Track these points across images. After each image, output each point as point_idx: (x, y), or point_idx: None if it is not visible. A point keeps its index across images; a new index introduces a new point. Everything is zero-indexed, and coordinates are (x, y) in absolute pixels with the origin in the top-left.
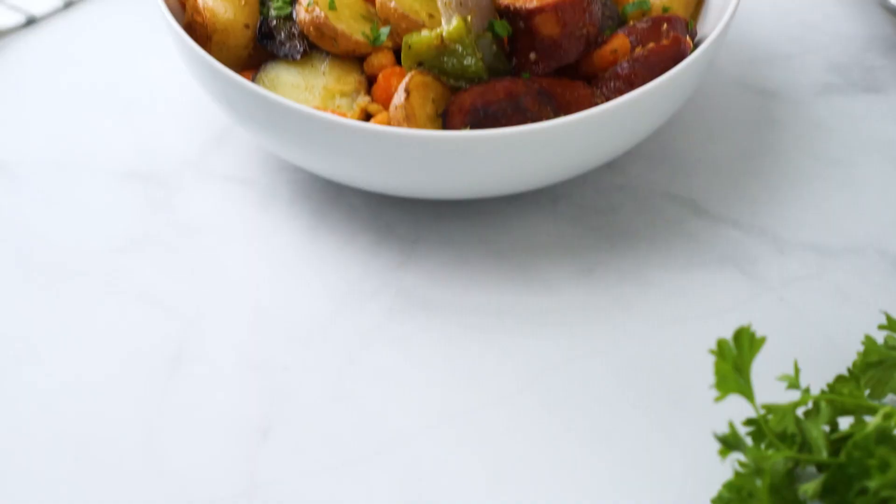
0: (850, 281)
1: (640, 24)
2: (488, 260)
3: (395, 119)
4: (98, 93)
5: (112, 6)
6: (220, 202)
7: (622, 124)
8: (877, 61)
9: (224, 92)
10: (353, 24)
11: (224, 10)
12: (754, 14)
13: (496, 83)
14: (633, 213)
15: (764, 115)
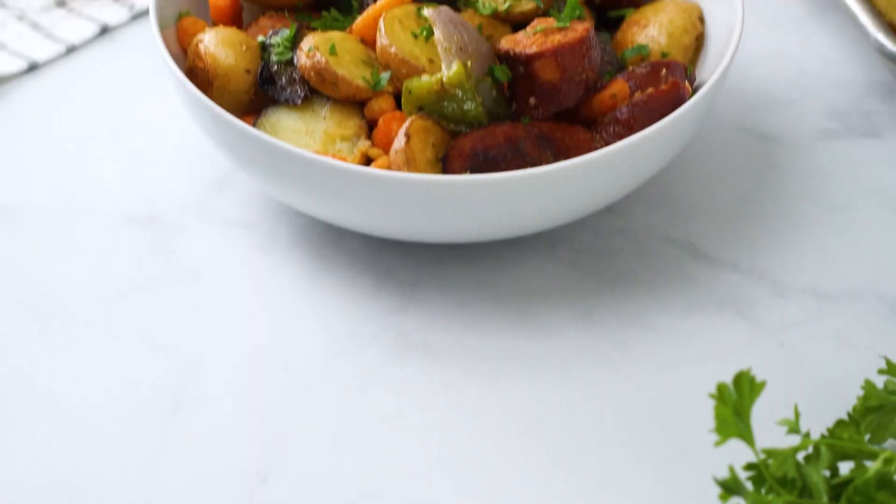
0: (849, 325)
1: (639, 69)
2: (488, 304)
3: (395, 163)
4: (99, 137)
5: (114, 51)
6: (220, 246)
7: (621, 169)
8: (875, 106)
9: (225, 137)
10: (354, 70)
11: (225, 55)
12: (753, 59)
13: (496, 128)
14: (633, 257)
15: (763, 160)
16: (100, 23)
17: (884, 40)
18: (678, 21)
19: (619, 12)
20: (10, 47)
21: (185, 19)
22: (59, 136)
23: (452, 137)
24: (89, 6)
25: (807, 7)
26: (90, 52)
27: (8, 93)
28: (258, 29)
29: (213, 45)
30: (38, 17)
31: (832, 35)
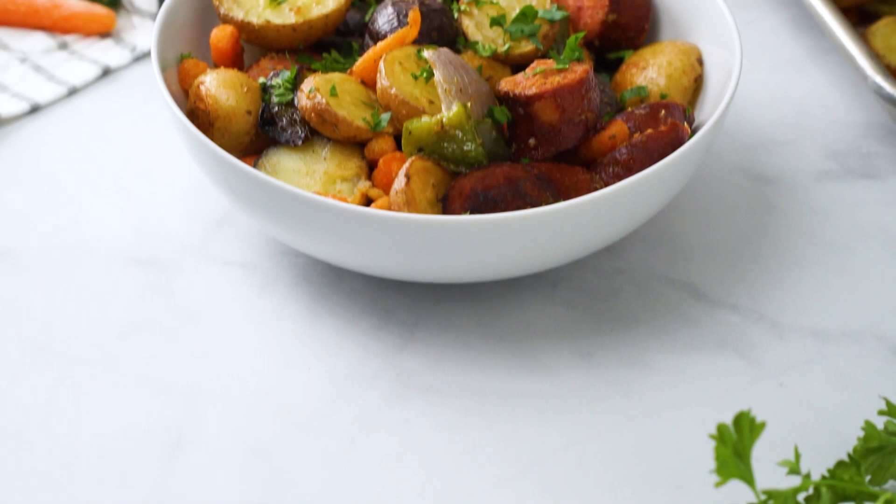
0: (849, 366)
1: (638, 110)
2: (488, 343)
3: (395, 204)
4: (100, 178)
5: (115, 93)
6: (221, 286)
7: (621, 209)
8: (873, 148)
9: (226, 177)
10: (354, 111)
11: (226, 97)
12: (751, 101)
13: (496, 168)
14: (633, 297)
15: (762, 201)
16: (102, 65)
17: (882, 82)
18: (677, 63)
19: (618, 54)
20: (13, 89)
21: (187, 61)
22: (59, 177)
23: (452, 178)
24: (91, 48)
25: (805, 49)
26: (92, 93)
27: (10, 134)
28: (259, 70)
29: (215, 87)
30: (40, 60)
31: (830, 77)
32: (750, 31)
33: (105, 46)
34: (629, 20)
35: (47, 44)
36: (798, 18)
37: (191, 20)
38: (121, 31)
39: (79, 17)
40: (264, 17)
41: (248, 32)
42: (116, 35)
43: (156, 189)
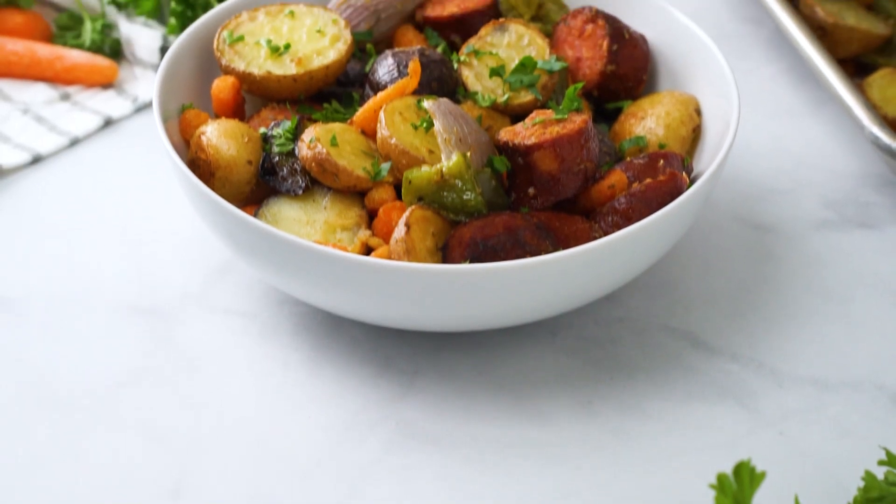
0: (849, 416)
1: (636, 159)
2: (488, 392)
3: (395, 253)
4: (101, 227)
5: (117, 143)
6: (221, 335)
7: (620, 258)
8: (871, 198)
9: (227, 227)
10: (355, 160)
11: (227, 147)
12: (749, 150)
13: (495, 217)
14: (632, 346)
15: (761, 250)
16: (103, 115)
17: (878, 133)
18: (675, 113)
19: (616, 104)
20: (15, 140)
21: (188, 112)
22: (60, 227)
23: (452, 227)
24: (93, 99)
25: (802, 100)
26: (93, 143)
27: (11, 184)
28: (260, 121)
29: (216, 137)
30: (42, 111)
31: (828, 127)
32: (748, 81)
33: (107, 97)
34: (627, 71)
35: (49, 95)
36: (795, 69)
37: (192, 71)
38: (123, 81)
39: (81, 68)
40: (265, 68)
41: (249, 83)
42: (118, 86)
43: (156, 238)
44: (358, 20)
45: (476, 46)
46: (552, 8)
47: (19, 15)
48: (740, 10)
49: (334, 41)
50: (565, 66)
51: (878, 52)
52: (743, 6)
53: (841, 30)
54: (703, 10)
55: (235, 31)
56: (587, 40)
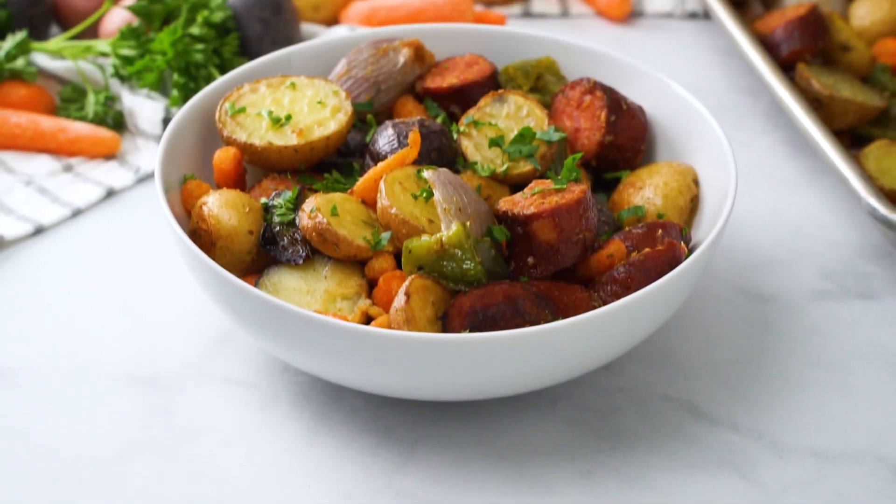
0: (849, 487)
1: (635, 229)
2: (488, 462)
3: (395, 322)
4: (102, 297)
5: (118, 213)
6: (220, 405)
7: (620, 328)
8: (869, 268)
9: (227, 297)
10: (355, 230)
11: (229, 217)
12: (747, 221)
13: (495, 286)
14: (632, 415)
15: (760, 320)
16: (106, 186)
17: (876, 205)
18: (673, 183)
19: (615, 174)
20: (18, 212)
21: (190, 182)
22: (62, 297)
23: (452, 296)
24: (96, 170)
25: (800, 171)
26: (95, 214)
27: (13, 255)
28: (261, 191)
29: (217, 207)
30: (45, 182)
31: (825, 198)
32: (745, 152)
33: (109, 168)
34: (626, 141)
35: (53, 166)
36: (793, 140)
37: (194, 142)
38: (125, 153)
39: (84, 140)
40: (267, 139)
41: (250, 154)
42: (121, 157)
43: (157, 308)
44: (358, 91)
45: (475, 117)
46: (550, 79)
47: (24, 88)
48: (737, 81)
49: (335, 112)
50: (564, 136)
51: (873, 123)
52: (740, 78)
53: (837, 102)
54: (700, 81)
55: (237, 103)
56: (585, 111)
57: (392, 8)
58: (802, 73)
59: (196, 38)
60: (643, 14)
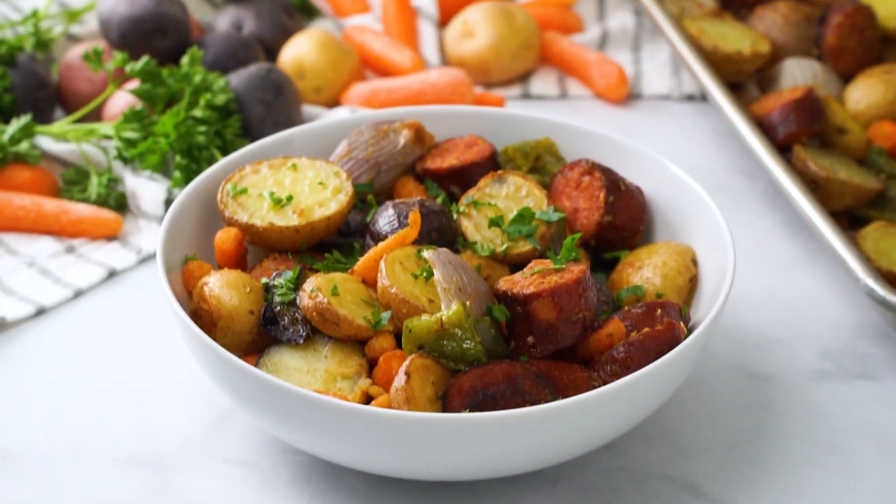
0: None
1: (634, 308)
2: None
3: (395, 401)
4: (103, 378)
5: (120, 293)
6: (221, 486)
7: (619, 407)
8: (868, 349)
9: (228, 377)
10: (355, 309)
11: (230, 297)
12: (746, 300)
13: (495, 366)
14: (633, 495)
15: (759, 400)
16: (108, 267)
17: (873, 285)
18: (672, 263)
19: (614, 254)
20: (20, 293)
21: (191, 263)
22: (62, 378)
23: (452, 375)
24: (98, 251)
25: (797, 252)
26: (97, 294)
27: (15, 336)
28: (262, 271)
29: (218, 288)
30: (47, 264)
31: (824, 278)
32: (744, 233)
33: (111, 249)
34: (624, 222)
35: (55, 248)
36: (791, 221)
37: (195, 223)
38: (127, 234)
39: (86, 221)
40: (268, 219)
41: (251, 234)
42: (123, 238)
43: (157, 388)
44: (359, 172)
45: (475, 197)
46: (549, 160)
47: (27, 171)
48: (735, 163)
49: (336, 193)
50: (563, 216)
51: (870, 205)
52: (738, 159)
53: (833, 184)
54: (698, 162)
55: (239, 184)
56: (584, 192)
57: (392, 90)
58: (799, 155)
59: (199, 120)
60: (641, 96)
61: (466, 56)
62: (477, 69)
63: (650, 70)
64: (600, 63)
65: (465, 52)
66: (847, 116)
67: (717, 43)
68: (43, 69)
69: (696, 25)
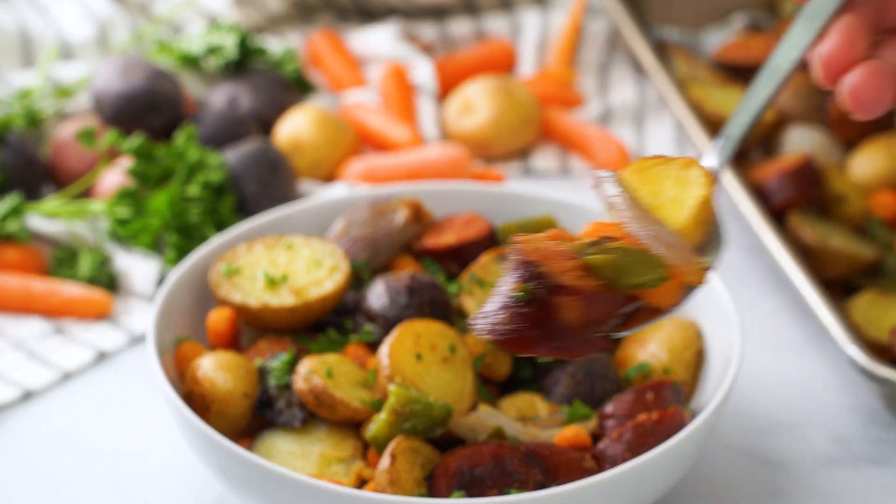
0: None
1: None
2: None
3: (379, 484)
4: (91, 463)
5: (109, 375)
6: None
7: (621, 494)
8: (880, 433)
9: (221, 462)
10: (351, 392)
11: (224, 380)
12: (755, 382)
13: (482, 446)
14: None
15: (768, 486)
16: (97, 349)
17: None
18: (678, 337)
19: None
20: (6, 376)
21: (184, 344)
22: (49, 464)
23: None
24: (87, 332)
25: (805, 332)
26: (85, 377)
27: (0, 421)
28: (257, 352)
29: (212, 370)
30: (35, 345)
31: (834, 360)
32: (750, 312)
33: (101, 330)
34: None
35: (43, 329)
36: (799, 301)
37: (188, 303)
38: (118, 314)
39: (76, 302)
40: (262, 299)
41: (245, 315)
42: (113, 318)
43: (147, 474)
44: (356, 251)
45: (479, 275)
46: None
47: (16, 250)
48: (740, 240)
49: (332, 272)
50: None
51: (866, 274)
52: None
53: (827, 252)
54: None
55: (232, 263)
56: None
57: (391, 166)
58: (794, 222)
59: (193, 198)
60: None
61: (466, 132)
62: (477, 145)
63: (654, 144)
64: (602, 139)
65: (465, 127)
66: (847, 185)
67: (719, 109)
68: (33, 146)
69: (702, 90)
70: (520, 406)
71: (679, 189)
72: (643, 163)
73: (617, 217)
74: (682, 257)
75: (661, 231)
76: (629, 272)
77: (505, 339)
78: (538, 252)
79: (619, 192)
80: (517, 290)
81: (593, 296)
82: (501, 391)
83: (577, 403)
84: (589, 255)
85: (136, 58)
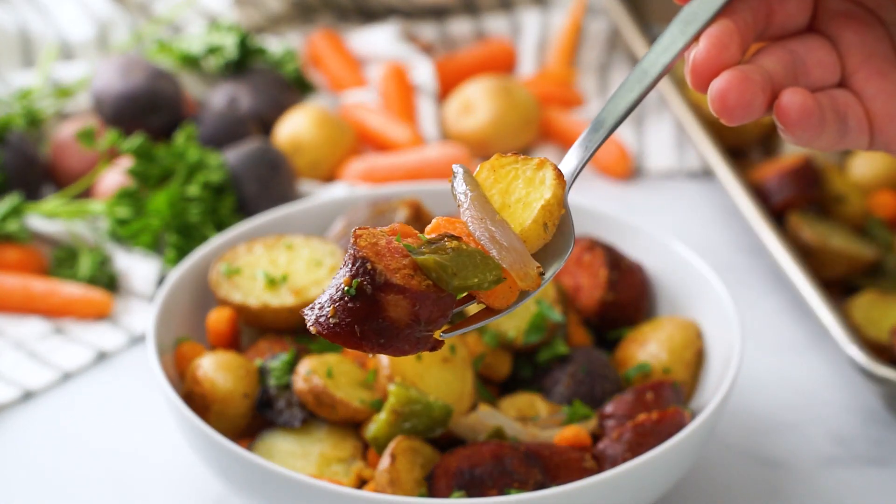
0: None
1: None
2: None
3: (379, 485)
4: (91, 463)
5: (109, 376)
6: None
7: (621, 494)
8: (881, 434)
9: (221, 462)
10: (351, 392)
11: (224, 380)
12: (755, 382)
13: (482, 446)
14: None
15: (769, 486)
16: (97, 349)
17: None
18: (678, 336)
19: (616, 332)
20: (6, 376)
21: (184, 344)
22: (49, 464)
23: (442, 454)
24: (87, 332)
25: (806, 332)
26: (85, 377)
27: (0, 421)
28: (257, 352)
29: (212, 370)
30: (35, 345)
31: (834, 360)
32: (751, 312)
33: (101, 330)
34: (626, 299)
35: (43, 329)
36: (799, 301)
37: (188, 303)
38: (118, 314)
39: (76, 302)
40: (262, 299)
41: (245, 315)
42: (113, 318)
43: (147, 474)
44: None
45: None
46: None
47: (16, 250)
48: (741, 240)
49: (332, 272)
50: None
51: (866, 274)
52: (744, 237)
53: (827, 252)
54: (703, 240)
55: (232, 263)
56: (585, 269)
57: (390, 166)
58: (793, 222)
59: (193, 198)
60: (645, 171)
61: (466, 132)
62: (477, 145)
63: (654, 145)
64: None
65: (465, 128)
66: (845, 185)
67: None
68: (33, 147)
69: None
70: (520, 406)
71: (528, 190)
72: (499, 160)
73: (461, 214)
74: (516, 261)
75: (500, 232)
76: (459, 274)
77: (329, 333)
78: (373, 248)
79: (465, 189)
80: (346, 285)
81: (421, 295)
82: (501, 391)
83: (577, 403)
84: (419, 255)
85: (136, 58)
